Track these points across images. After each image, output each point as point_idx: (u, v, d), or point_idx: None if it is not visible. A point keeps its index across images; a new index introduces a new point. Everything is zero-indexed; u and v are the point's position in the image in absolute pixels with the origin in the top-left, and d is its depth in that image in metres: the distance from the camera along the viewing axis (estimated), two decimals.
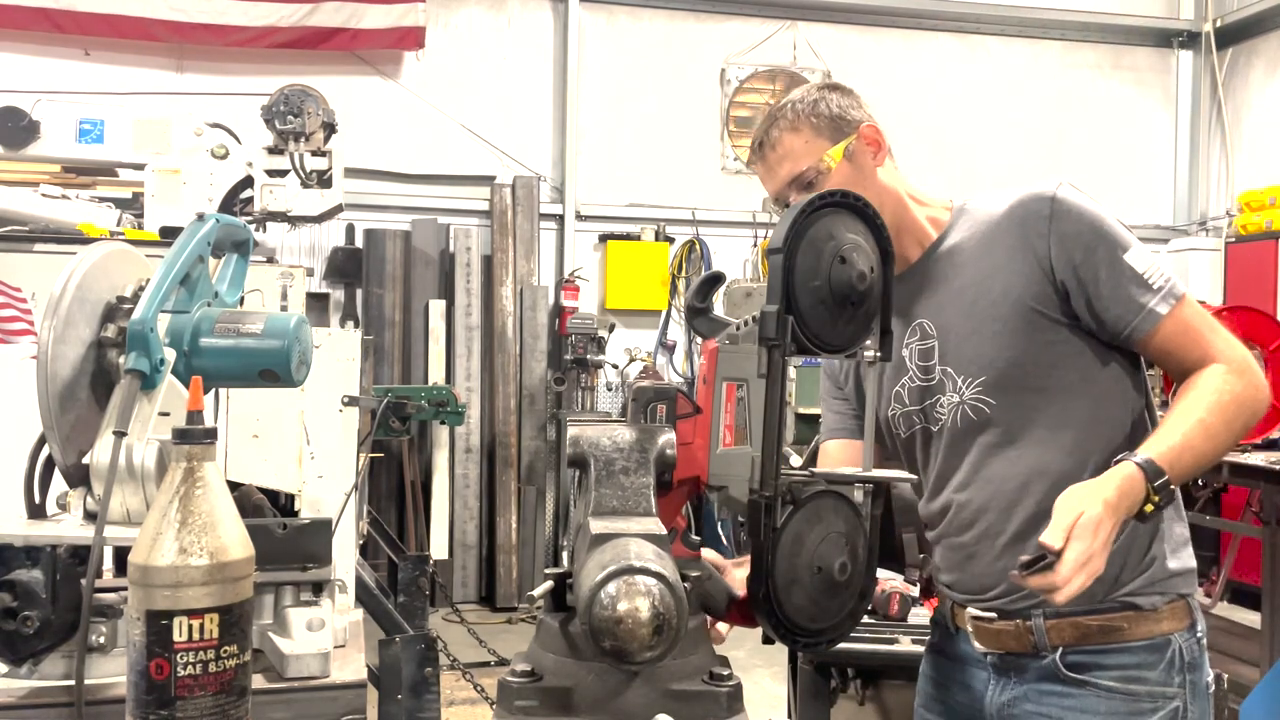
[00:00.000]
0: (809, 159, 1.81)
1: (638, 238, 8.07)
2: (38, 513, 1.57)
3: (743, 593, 1.50)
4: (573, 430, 1.46)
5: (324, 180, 4.93)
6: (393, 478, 7.38)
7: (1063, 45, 8.86)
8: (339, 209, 5.13)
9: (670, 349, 8.29)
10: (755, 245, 8.26)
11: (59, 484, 1.59)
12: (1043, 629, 1.77)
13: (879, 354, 1.42)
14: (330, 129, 5.01)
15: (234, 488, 1.43)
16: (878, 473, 1.45)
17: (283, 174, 4.88)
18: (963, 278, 1.80)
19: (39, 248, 4.13)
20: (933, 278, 1.84)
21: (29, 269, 3.86)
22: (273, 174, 4.87)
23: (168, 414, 1.56)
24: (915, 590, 3.18)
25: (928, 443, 1.88)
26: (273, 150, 4.90)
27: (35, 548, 1.47)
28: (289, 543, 1.66)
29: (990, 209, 1.81)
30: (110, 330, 1.60)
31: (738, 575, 1.57)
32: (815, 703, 2.91)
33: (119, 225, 4.68)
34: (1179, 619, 1.77)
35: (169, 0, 7.15)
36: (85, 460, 1.54)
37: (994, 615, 1.82)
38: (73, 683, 1.42)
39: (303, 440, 2.87)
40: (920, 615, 3.13)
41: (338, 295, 7.58)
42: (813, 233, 1.33)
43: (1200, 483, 5.40)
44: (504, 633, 6.71)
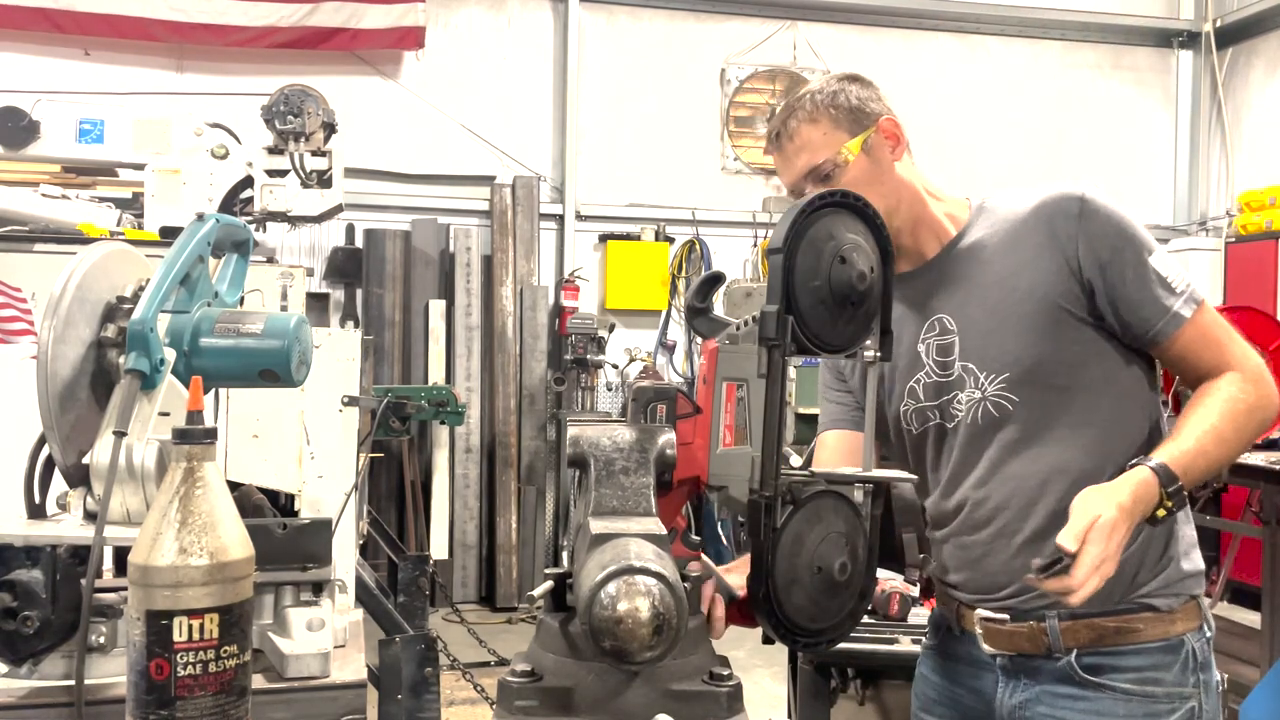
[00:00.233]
0: (827, 151, 1.79)
1: (638, 238, 8.07)
2: (38, 513, 1.57)
3: (743, 592, 1.50)
4: (573, 430, 1.46)
5: (324, 180, 4.92)
6: (393, 478, 7.38)
7: (1063, 45, 8.86)
8: (339, 209, 5.13)
9: (670, 349, 8.29)
10: (755, 245, 8.26)
11: (59, 484, 1.59)
12: (1057, 630, 1.75)
13: (879, 354, 1.42)
14: (330, 129, 5.01)
15: (234, 488, 1.43)
16: (878, 473, 1.46)
17: (283, 174, 4.88)
18: (986, 274, 1.79)
19: (39, 248, 4.13)
20: (953, 274, 1.83)
21: (29, 269, 3.86)
22: (273, 174, 4.87)
23: (168, 414, 1.56)
24: (915, 590, 3.18)
25: (941, 439, 1.86)
26: (273, 150, 4.90)
27: (35, 548, 1.47)
28: (289, 543, 1.66)
29: (1014, 207, 1.80)
30: (110, 330, 1.60)
31: (732, 581, 1.57)
32: (815, 703, 2.91)
33: (119, 225, 4.68)
34: (1191, 619, 1.77)
35: (169, 0, 7.15)
36: (85, 460, 1.54)
37: (1006, 616, 1.80)
38: (73, 683, 1.42)
39: (303, 440, 2.87)
40: (920, 615, 3.13)
41: (338, 295, 7.58)
42: (813, 233, 1.33)
43: (1201, 483, 5.39)
44: (504, 633, 6.71)
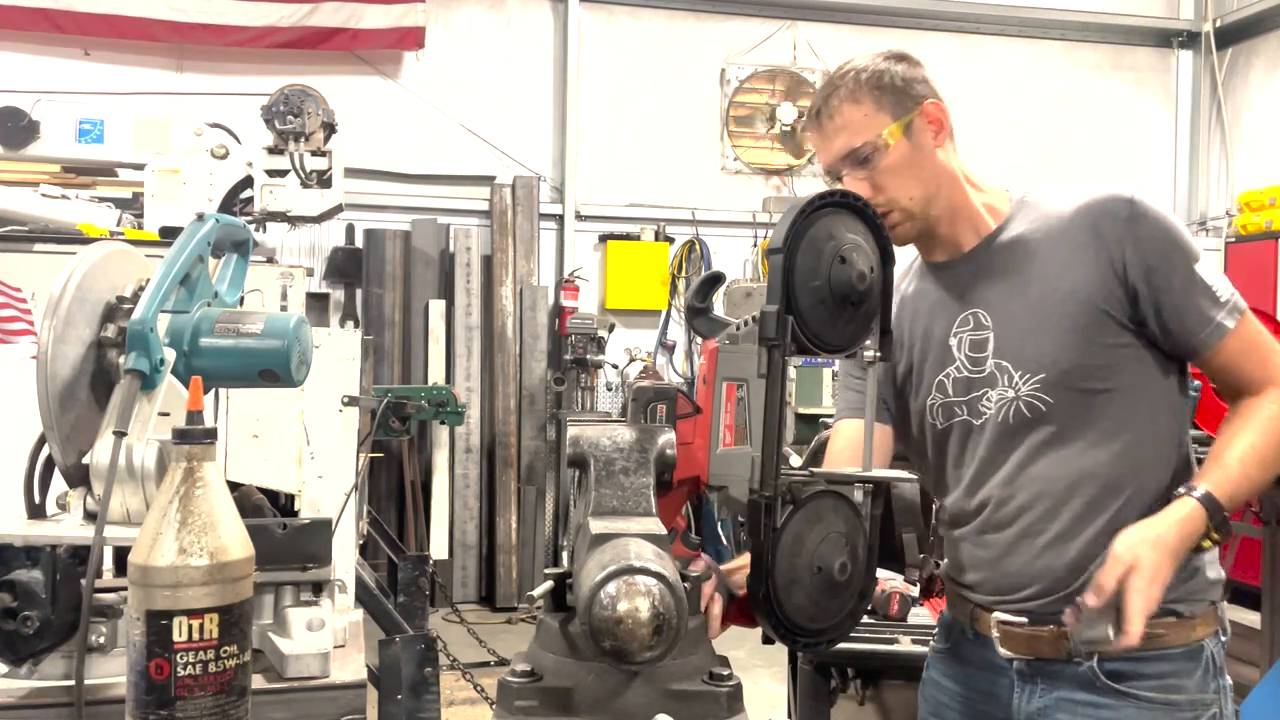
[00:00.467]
0: (867, 133, 1.73)
1: (638, 238, 8.07)
2: (38, 513, 1.57)
3: (742, 592, 1.50)
4: (573, 430, 1.46)
5: (324, 180, 4.93)
6: (393, 478, 7.38)
7: (1063, 45, 8.86)
8: (339, 209, 5.13)
9: (670, 349, 8.29)
10: (755, 245, 8.26)
11: (59, 484, 1.59)
12: None
13: (879, 354, 1.42)
14: (330, 129, 5.01)
15: (234, 488, 1.43)
16: (878, 473, 1.46)
17: (283, 174, 4.88)
18: (1027, 271, 1.75)
19: (39, 248, 4.13)
20: (991, 268, 1.79)
21: (29, 269, 3.86)
22: (273, 174, 4.87)
23: (168, 414, 1.56)
24: (915, 590, 3.18)
25: (967, 436, 1.81)
26: (273, 150, 4.90)
27: (35, 548, 1.47)
28: (289, 543, 1.65)
29: (1059, 204, 1.76)
30: (110, 330, 1.60)
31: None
32: (815, 703, 2.90)
33: (119, 225, 4.69)
34: (1210, 624, 1.75)
35: (169, 0, 7.15)
36: (85, 460, 1.54)
37: (1024, 619, 1.76)
38: (73, 683, 1.41)
39: (303, 440, 2.86)
40: (920, 615, 3.13)
41: (338, 295, 7.58)
42: (813, 233, 1.33)
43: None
44: (504, 633, 6.71)
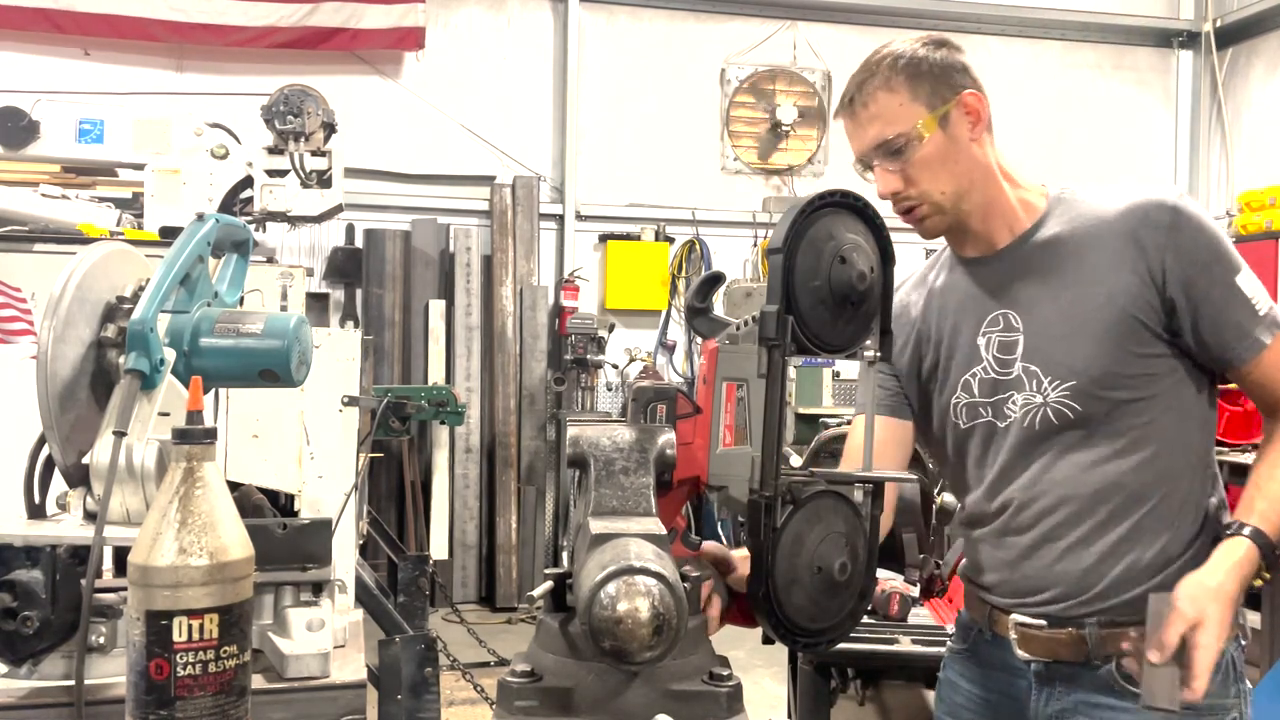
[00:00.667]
0: (901, 124, 1.68)
1: (638, 238, 8.07)
2: (38, 513, 1.57)
3: (742, 593, 1.50)
4: (573, 430, 1.46)
5: (324, 180, 4.92)
6: (393, 478, 7.38)
7: (1063, 45, 8.87)
8: (339, 209, 5.13)
9: (670, 349, 8.29)
10: (755, 245, 8.26)
11: (59, 484, 1.59)
12: (1098, 637, 1.70)
13: (879, 354, 1.42)
14: (330, 129, 5.01)
15: (234, 488, 1.43)
16: (878, 473, 1.45)
17: (283, 174, 4.88)
18: (1062, 275, 1.71)
19: (39, 248, 4.13)
20: (1024, 268, 1.74)
21: (29, 269, 3.86)
22: (273, 174, 4.87)
23: (168, 414, 1.56)
24: (915, 590, 3.18)
25: (990, 437, 1.78)
26: (273, 150, 4.90)
27: (35, 548, 1.47)
28: (289, 543, 1.65)
29: (1099, 205, 1.71)
30: (110, 330, 1.60)
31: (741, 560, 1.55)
32: (815, 703, 2.91)
33: (119, 225, 4.68)
34: (1230, 629, 1.72)
35: (169, 0, 7.15)
36: (85, 460, 1.54)
37: (1043, 622, 1.74)
38: (73, 683, 1.41)
39: (303, 440, 2.86)
40: (920, 615, 3.13)
41: (338, 295, 7.58)
42: (813, 233, 1.33)
43: None
44: (504, 633, 6.71)
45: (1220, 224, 1.70)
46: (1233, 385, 1.78)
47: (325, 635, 1.62)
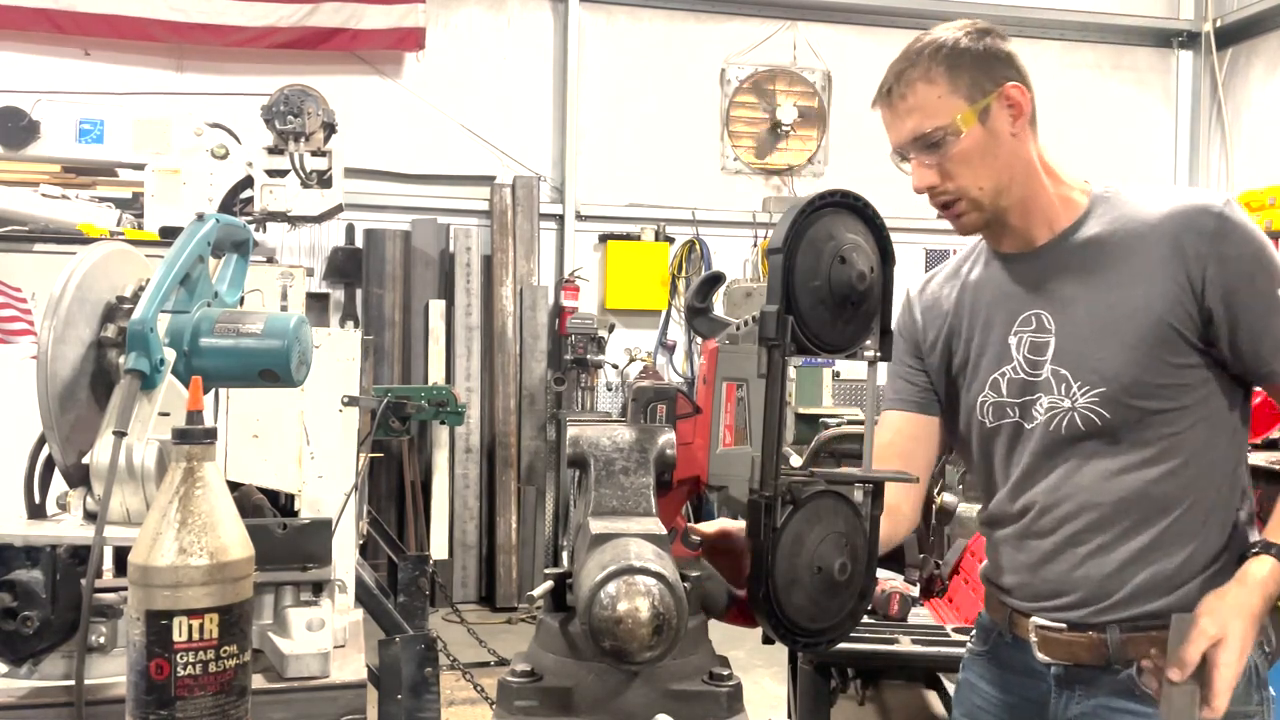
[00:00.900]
0: (940, 118, 1.63)
1: (638, 238, 8.07)
2: (38, 513, 1.57)
3: (743, 593, 1.50)
4: (573, 430, 1.46)
5: (324, 180, 4.92)
6: (393, 478, 7.38)
7: (1063, 45, 8.86)
8: (339, 209, 5.13)
9: (670, 349, 8.29)
10: (755, 245, 8.26)
11: (59, 484, 1.59)
12: (1119, 641, 1.67)
13: (879, 354, 1.42)
14: (330, 129, 5.01)
15: (234, 488, 1.43)
16: (878, 473, 1.45)
17: (283, 174, 4.88)
18: (1098, 278, 1.66)
19: (39, 248, 4.13)
20: (1061, 268, 1.70)
21: (29, 269, 3.86)
22: (273, 174, 4.87)
23: (168, 414, 1.56)
24: (915, 590, 3.18)
25: (1016, 438, 1.75)
26: (273, 150, 4.90)
27: (35, 548, 1.47)
28: (289, 543, 1.65)
29: (1141, 207, 1.66)
30: (110, 330, 1.60)
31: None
32: (815, 703, 2.91)
33: (119, 225, 4.68)
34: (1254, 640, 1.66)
35: (169, 0, 7.15)
36: (85, 460, 1.54)
37: (1064, 625, 1.72)
38: (73, 683, 1.41)
39: (303, 440, 2.86)
40: (920, 615, 3.13)
41: (338, 295, 7.58)
42: (813, 233, 1.32)
43: None
44: (504, 633, 6.71)
45: (1261, 231, 1.64)
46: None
47: (325, 635, 1.62)
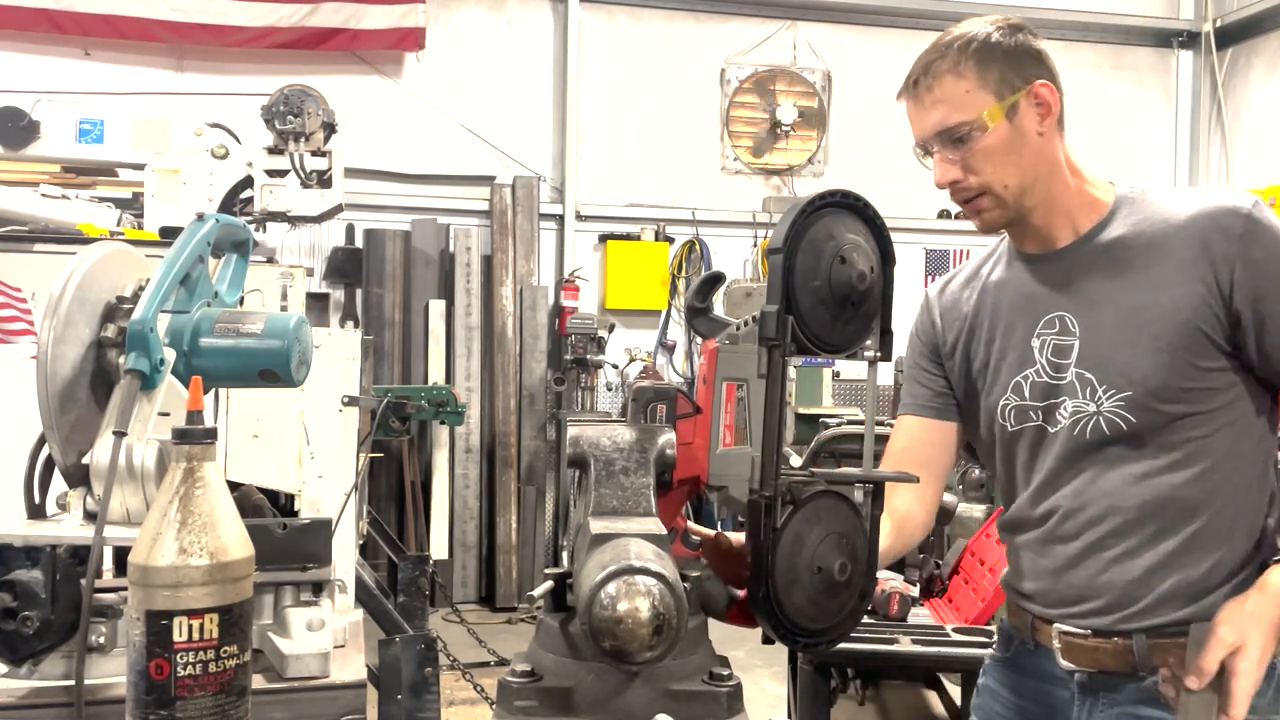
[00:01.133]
0: (966, 112, 1.61)
1: (638, 238, 8.07)
2: (38, 513, 1.57)
3: (743, 593, 1.50)
4: (573, 430, 1.46)
5: (324, 180, 4.92)
6: (393, 478, 7.38)
7: (1063, 45, 8.85)
8: (339, 209, 5.13)
9: (670, 349, 8.29)
10: (755, 245, 8.26)
11: (59, 484, 1.59)
12: (1145, 648, 1.65)
13: (879, 354, 1.42)
14: (330, 129, 5.01)
15: (234, 488, 1.43)
16: (878, 473, 1.45)
17: (283, 174, 4.88)
18: (1123, 280, 1.64)
19: (39, 248, 4.13)
20: (1085, 269, 1.67)
21: (29, 269, 3.87)
22: (273, 174, 4.87)
23: (168, 414, 1.56)
24: (915, 590, 3.18)
25: (1039, 442, 1.72)
26: (273, 150, 4.90)
27: (35, 548, 1.47)
28: (289, 543, 1.65)
29: (1167, 208, 1.64)
30: (110, 330, 1.60)
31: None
32: (815, 703, 2.91)
33: (119, 225, 4.68)
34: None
35: (169, 0, 7.15)
36: (85, 460, 1.54)
37: (1088, 631, 1.69)
38: (73, 683, 1.41)
39: (303, 440, 2.87)
40: (920, 615, 3.13)
41: (338, 295, 7.58)
42: (813, 233, 1.33)
43: None
44: (504, 633, 6.71)
45: None
46: None
47: (325, 635, 1.62)
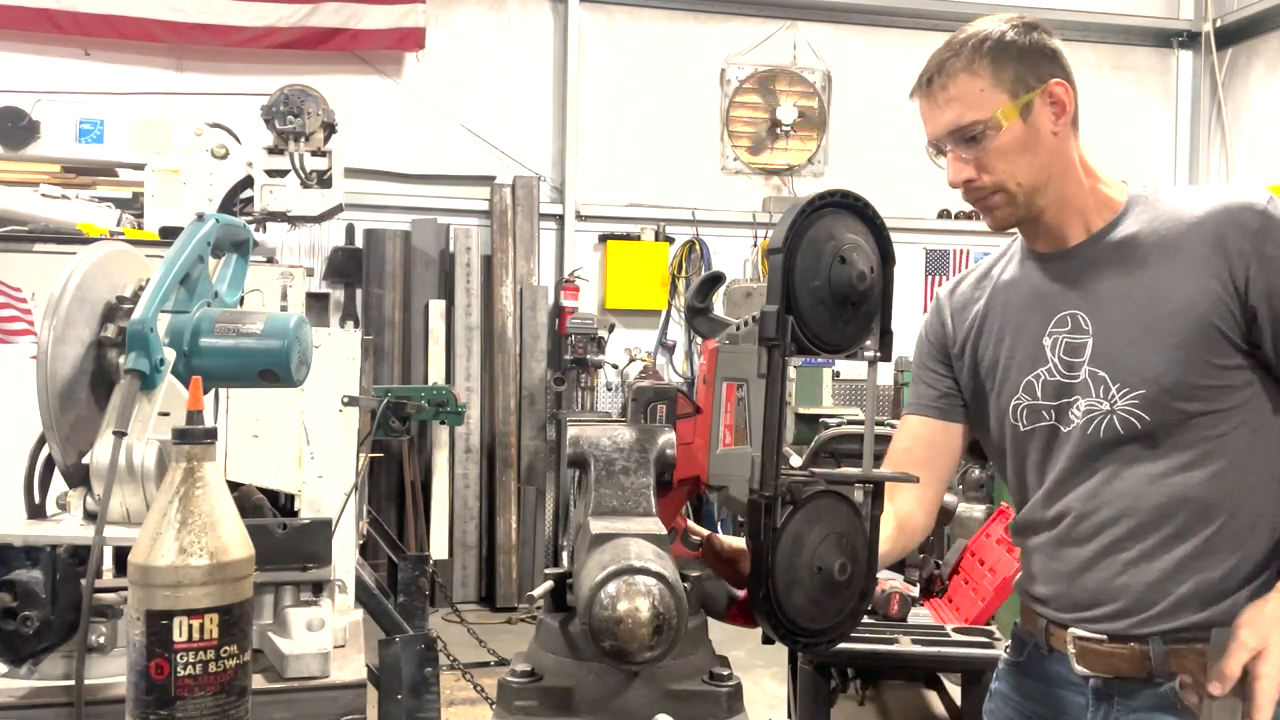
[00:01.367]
0: (980, 111, 1.60)
1: (638, 238, 8.07)
2: (38, 513, 1.57)
3: (743, 593, 1.50)
4: (573, 430, 1.46)
5: (324, 180, 4.92)
6: (393, 478, 7.38)
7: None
8: (339, 209, 5.13)
9: (670, 349, 8.29)
10: (755, 245, 8.26)
11: (59, 484, 1.59)
12: (1162, 654, 1.62)
13: (879, 354, 1.42)
14: (330, 129, 5.01)
15: (234, 488, 1.43)
16: (878, 473, 1.45)
17: (283, 174, 4.88)
18: (1136, 277, 1.62)
19: (39, 248, 4.13)
20: (1097, 267, 1.66)
21: (29, 269, 3.86)
22: (273, 174, 4.87)
23: (168, 414, 1.56)
24: (915, 590, 3.18)
25: (1051, 442, 1.71)
26: (273, 150, 4.90)
27: (35, 548, 1.47)
28: (289, 543, 1.65)
29: (1181, 206, 1.63)
30: (110, 330, 1.60)
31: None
32: (815, 703, 2.91)
33: (119, 225, 4.68)
34: None
35: (169, 0, 7.15)
36: (85, 460, 1.54)
37: (1104, 636, 1.67)
38: (73, 683, 1.41)
39: (303, 440, 2.86)
40: (920, 615, 3.13)
41: (338, 295, 7.58)
42: (813, 233, 1.32)
43: None
44: (504, 633, 6.71)
45: None
46: None
47: (325, 635, 1.62)
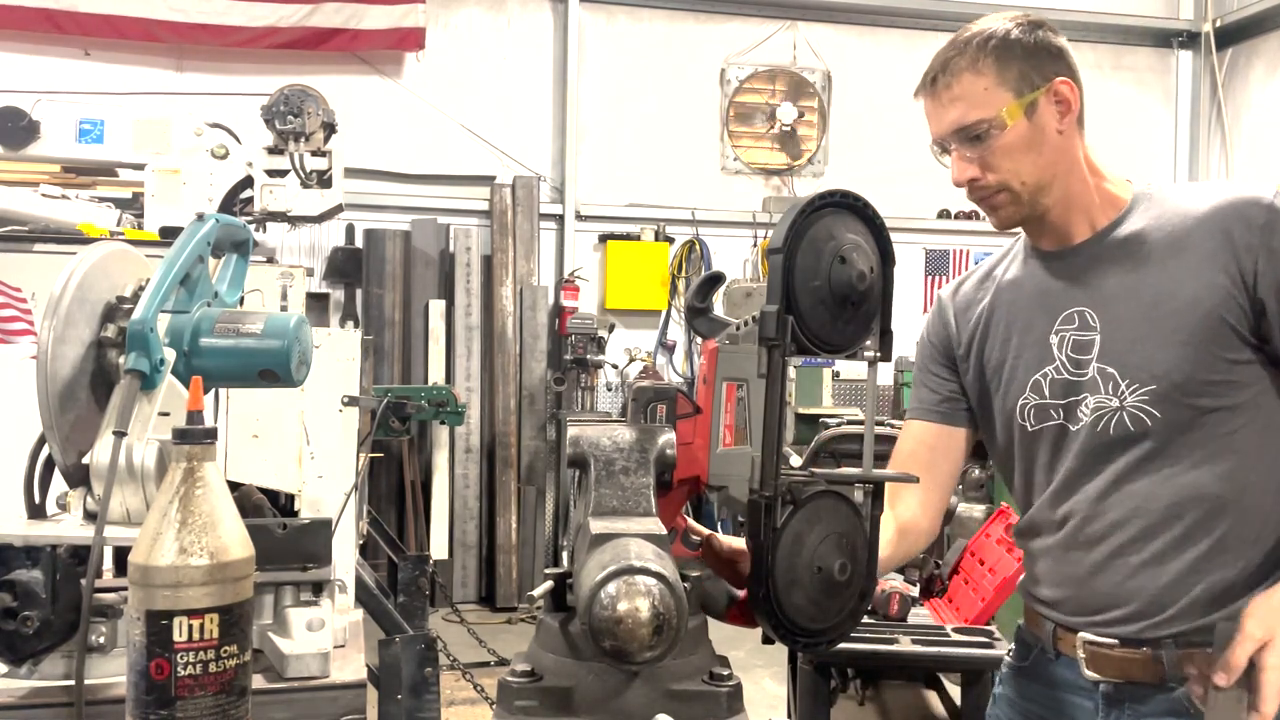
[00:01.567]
0: (984, 110, 1.59)
1: (638, 238, 8.07)
2: (38, 513, 1.57)
3: (743, 593, 1.50)
4: (573, 430, 1.46)
5: (324, 180, 4.92)
6: (393, 478, 7.38)
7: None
8: (339, 209, 5.13)
9: (670, 349, 8.29)
10: (755, 245, 8.26)
11: (59, 484, 1.59)
12: (1175, 658, 1.61)
13: (879, 354, 1.42)
14: (330, 129, 5.01)
15: (234, 488, 1.43)
16: (878, 473, 1.45)
17: (283, 174, 4.88)
18: (1143, 273, 1.61)
19: (39, 248, 4.13)
20: (1103, 264, 1.65)
21: (29, 269, 3.87)
22: (273, 174, 4.87)
23: (168, 414, 1.56)
24: (915, 590, 3.19)
25: (1060, 441, 1.69)
26: (273, 150, 4.90)
27: (35, 548, 1.46)
28: (289, 543, 1.65)
29: (1186, 202, 1.62)
30: (110, 330, 1.60)
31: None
32: (815, 703, 2.91)
33: (119, 225, 4.68)
34: None
35: (169, 0, 7.15)
36: (85, 460, 1.54)
37: (1114, 641, 1.65)
38: (73, 683, 1.41)
39: (303, 440, 2.87)
40: (920, 615, 3.14)
41: (338, 295, 7.59)
42: (813, 233, 1.32)
43: None
44: (504, 633, 6.71)
45: None
46: None
47: (325, 635, 1.61)
